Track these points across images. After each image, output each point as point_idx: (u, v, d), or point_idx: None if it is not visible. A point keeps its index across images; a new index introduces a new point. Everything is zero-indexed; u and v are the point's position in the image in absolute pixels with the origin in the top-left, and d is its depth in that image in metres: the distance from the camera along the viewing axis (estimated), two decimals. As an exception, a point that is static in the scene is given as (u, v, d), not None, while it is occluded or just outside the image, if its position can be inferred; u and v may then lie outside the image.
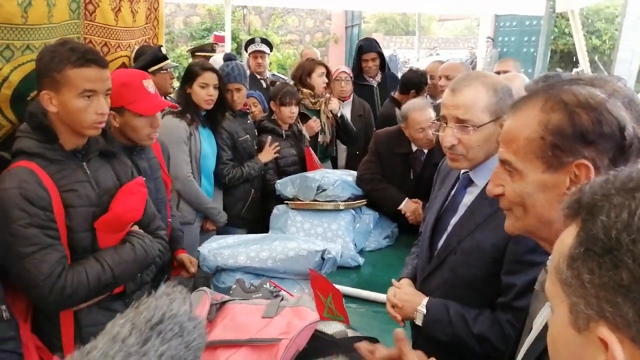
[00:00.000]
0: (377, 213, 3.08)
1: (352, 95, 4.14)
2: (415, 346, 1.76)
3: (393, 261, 2.77)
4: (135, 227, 1.81)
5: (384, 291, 1.77)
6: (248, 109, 3.45)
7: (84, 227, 1.63)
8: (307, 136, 3.62)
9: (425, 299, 1.57)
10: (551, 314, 0.62)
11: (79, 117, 1.58)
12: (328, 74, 3.76)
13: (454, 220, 1.59)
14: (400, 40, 22.42)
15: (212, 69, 2.97)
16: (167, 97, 3.78)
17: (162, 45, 3.79)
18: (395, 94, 4.10)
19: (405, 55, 17.85)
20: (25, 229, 1.51)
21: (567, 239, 0.60)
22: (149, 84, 1.97)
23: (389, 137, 3.14)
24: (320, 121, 3.67)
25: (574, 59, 11.14)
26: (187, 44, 11.69)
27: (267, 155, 3.30)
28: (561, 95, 0.93)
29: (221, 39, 5.94)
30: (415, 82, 3.99)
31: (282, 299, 1.70)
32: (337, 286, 1.99)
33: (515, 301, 1.39)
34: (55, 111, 1.57)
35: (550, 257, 0.67)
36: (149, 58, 3.23)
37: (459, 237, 1.54)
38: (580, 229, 0.57)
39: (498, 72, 3.85)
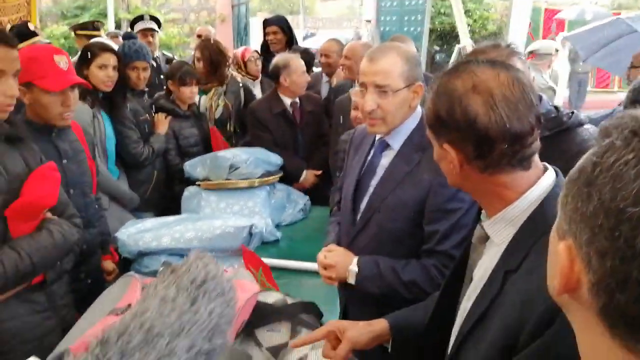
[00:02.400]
0: (289, 187, 3.14)
1: (260, 75, 4.17)
2: (346, 304, 1.86)
3: (309, 233, 2.86)
4: (49, 214, 1.69)
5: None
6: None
7: (-7, 216, 1.49)
8: (209, 115, 3.56)
9: (356, 258, 1.66)
10: None
11: None
12: (211, 59, 3.63)
13: (374, 182, 1.70)
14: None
15: (111, 50, 2.83)
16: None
17: (28, 21, 3.50)
18: None
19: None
20: None
21: None
22: (61, 60, 1.84)
23: (262, 102, 3.40)
24: (212, 105, 3.62)
25: (448, 38, 11.96)
26: (58, 23, 10.73)
27: (163, 126, 3.22)
28: (445, 81, 1.04)
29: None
30: (305, 62, 4.12)
31: (218, 274, 1.69)
32: (266, 260, 2.02)
33: (438, 245, 1.55)
34: None
35: None
36: (15, 34, 2.98)
37: (381, 196, 1.65)
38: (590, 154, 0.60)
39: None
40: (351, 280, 1.66)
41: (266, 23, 4.50)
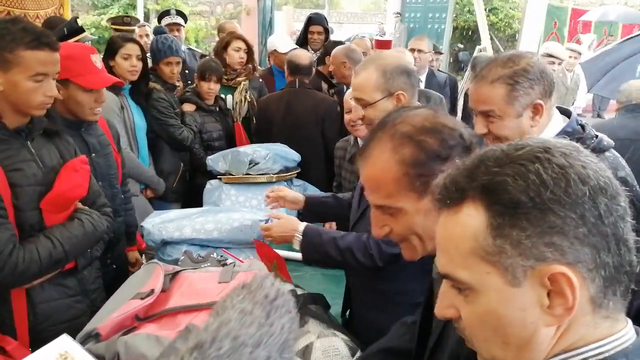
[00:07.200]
0: (306, 183, 3.24)
1: None
2: (350, 291, 1.96)
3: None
4: (80, 205, 1.81)
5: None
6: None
7: (31, 206, 1.62)
8: (236, 112, 3.66)
9: (303, 225, 1.80)
10: (475, 297, 0.67)
11: (27, 98, 1.57)
12: (249, 50, 3.76)
13: None
14: (309, 13, 22.24)
15: (134, 40, 2.98)
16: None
17: (77, 17, 3.63)
18: (320, 68, 4.18)
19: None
20: None
21: (471, 221, 0.65)
22: (97, 59, 1.97)
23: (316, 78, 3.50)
24: (233, 100, 3.68)
25: (472, 36, 11.87)
26: (89, 13, 10.99)
27: (189, 106, 3.34)
28: (400, 129, 1.03)
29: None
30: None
31: (234, 265, 1.81)
32: (278, 251, 2.13)
33: None
34: (1, 90, 1.54)
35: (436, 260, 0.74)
36: (66, 30, 3.11)
37: None
38: (488, 205, 0.64)
39: (412, 50, 4.11)
40: (296, 245, 1.80)
41: (311, 22, 4.61)
